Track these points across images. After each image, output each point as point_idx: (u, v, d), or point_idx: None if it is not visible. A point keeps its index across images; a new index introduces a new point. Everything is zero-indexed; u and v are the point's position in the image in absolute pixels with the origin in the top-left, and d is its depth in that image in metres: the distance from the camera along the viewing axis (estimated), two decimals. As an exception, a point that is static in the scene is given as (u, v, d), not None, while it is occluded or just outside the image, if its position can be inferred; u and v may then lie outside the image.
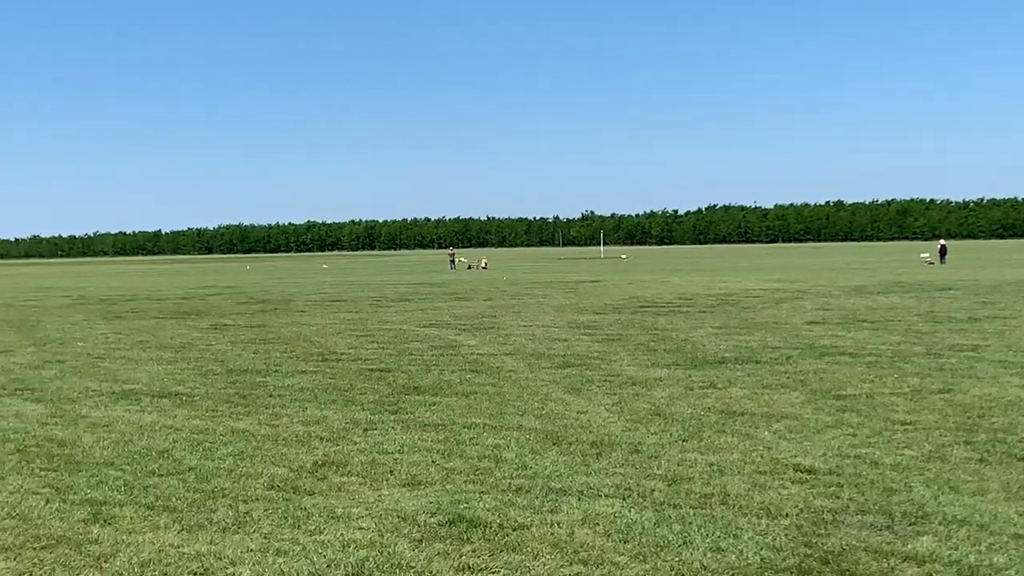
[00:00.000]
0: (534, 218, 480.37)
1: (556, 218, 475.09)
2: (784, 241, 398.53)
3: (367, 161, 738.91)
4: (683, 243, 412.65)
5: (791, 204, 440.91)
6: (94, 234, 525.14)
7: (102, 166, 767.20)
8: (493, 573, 7.67)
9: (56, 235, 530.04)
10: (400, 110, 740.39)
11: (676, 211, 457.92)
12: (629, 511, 9.13)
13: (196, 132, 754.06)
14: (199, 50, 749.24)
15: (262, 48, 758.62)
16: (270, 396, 16.20)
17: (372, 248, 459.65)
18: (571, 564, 7.81)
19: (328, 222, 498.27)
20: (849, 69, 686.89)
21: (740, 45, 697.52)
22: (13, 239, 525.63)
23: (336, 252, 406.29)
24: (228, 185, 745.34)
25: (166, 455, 11.89)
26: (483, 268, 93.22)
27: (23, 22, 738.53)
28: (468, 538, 8.46)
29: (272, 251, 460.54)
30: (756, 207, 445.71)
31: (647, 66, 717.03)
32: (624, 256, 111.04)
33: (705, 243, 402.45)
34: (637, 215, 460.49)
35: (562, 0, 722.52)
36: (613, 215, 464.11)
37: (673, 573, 7.62)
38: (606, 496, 9.67)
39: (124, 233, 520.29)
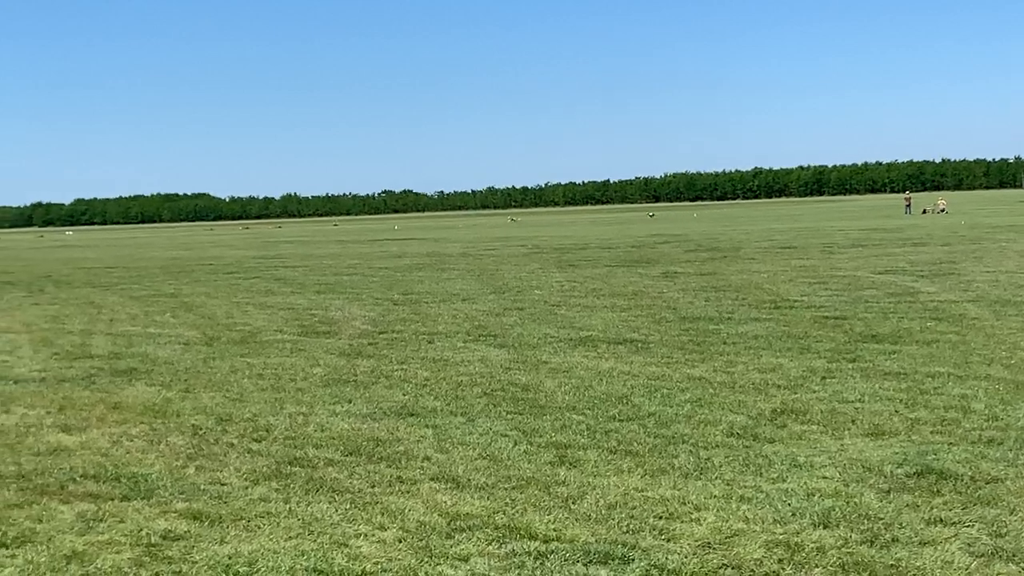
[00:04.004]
0: (993, 159, 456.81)
1: (1017, 158, 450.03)
2: None
3: (814, 105, 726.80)
4: None
5: None
6: (544, 185, 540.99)
7: (552, 120, 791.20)
8: (967, 527, 7.34)
9: (509, 186, 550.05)
10: (848, 49, 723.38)
11: None
12: (1116, 468, 8.54)
13: (641, 79, 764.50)
14: None
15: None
16: (724, 343, 16.18)
17: (821, 194, 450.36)
18: (1053, 521, 7.38)
19: (775, 168, 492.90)
20: None
21: None
22: (470, 191, 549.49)
23: (783, 199, 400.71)
24: (674, 134, 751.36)
25: (625, 400, 12.10)
26: (941, 212, 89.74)
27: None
28: (938, 490, 8.15)
29: (719, 199, 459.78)
30: None
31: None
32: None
33: None
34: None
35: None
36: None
37: None
38: (1088, 451, 9.08)
39: (574, 183, 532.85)
